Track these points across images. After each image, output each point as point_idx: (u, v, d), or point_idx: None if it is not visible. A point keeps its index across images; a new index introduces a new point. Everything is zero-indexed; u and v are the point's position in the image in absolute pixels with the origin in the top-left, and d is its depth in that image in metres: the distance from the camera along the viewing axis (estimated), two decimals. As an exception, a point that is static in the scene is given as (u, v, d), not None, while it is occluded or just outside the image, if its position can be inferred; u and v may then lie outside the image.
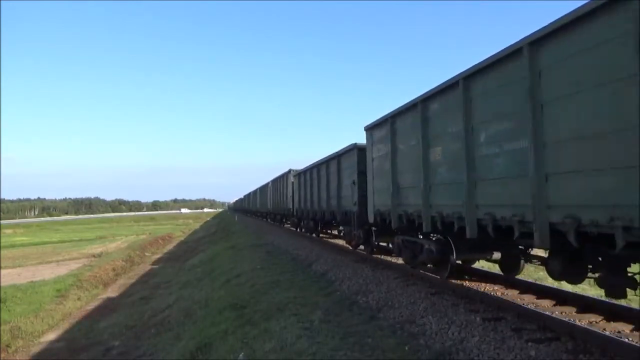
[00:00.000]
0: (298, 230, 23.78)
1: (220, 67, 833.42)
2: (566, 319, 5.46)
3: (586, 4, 4.13)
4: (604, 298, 6.48)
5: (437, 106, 7.11)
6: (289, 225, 28.00)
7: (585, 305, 6.16)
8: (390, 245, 10.93)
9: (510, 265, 7.78)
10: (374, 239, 11.53)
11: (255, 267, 13.15)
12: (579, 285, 7.13)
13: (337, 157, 13.79)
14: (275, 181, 29.79)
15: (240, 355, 6.30)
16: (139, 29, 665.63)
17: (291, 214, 23.41)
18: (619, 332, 5.14)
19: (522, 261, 7.55)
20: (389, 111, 8.96)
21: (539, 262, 6.59)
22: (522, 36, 4.98)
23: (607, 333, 4.98)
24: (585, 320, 5.57)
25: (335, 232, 19.12)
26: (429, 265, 8.63)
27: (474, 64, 5.93)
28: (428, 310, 6.54)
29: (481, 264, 9.49)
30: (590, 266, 5.22)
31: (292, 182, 22.63)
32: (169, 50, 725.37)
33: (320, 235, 19.84)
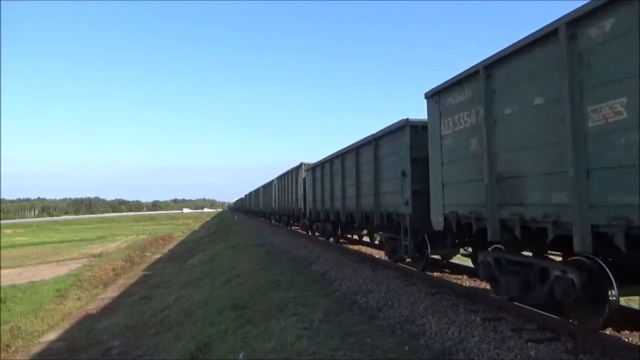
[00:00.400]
0: (310, 233, 20.53)
1: (221, 67, 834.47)
2: (566, 319, 5.45)
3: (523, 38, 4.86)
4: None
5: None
6: (297, 228, 24.61)
7: None
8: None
9: None
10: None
11: (255, 267, 13.15)
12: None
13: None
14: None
15: (240, 355, 6.30)
16: (138, 29, 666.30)
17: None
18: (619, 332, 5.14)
19: None
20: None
21: None
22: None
23: (607, 333, 4.98)
24: (585, 320, 5.55)
25: (360, 237, 16.50)
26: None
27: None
28: (428, 310, 6.54)
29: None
30: None
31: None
32: (169, 50, 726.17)
33: (341, 240, 16.40)
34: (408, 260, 9.79)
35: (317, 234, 19.14)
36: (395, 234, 9.55)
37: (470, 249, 8.48)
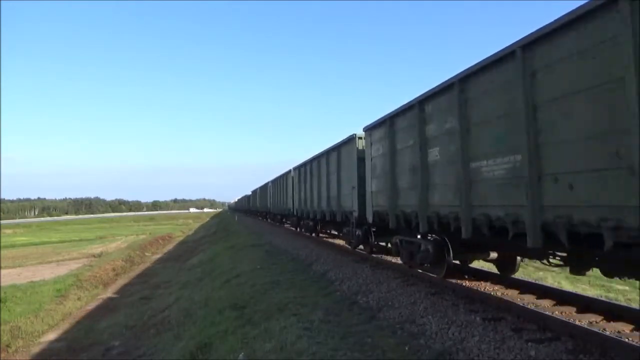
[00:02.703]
0: (298, 229, 23.87)
1: (221, 67, 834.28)
2: (566, 319, 5.46)
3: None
4: (604, 298, 6.50)
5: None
6: (288, 225, 28.48)
7: (585, 305, 6.16)
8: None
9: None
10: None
11: (255, 267, 13.15)
12: (579, 285, 7.15)
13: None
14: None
15: (240, 355, 6.30)
16: (138, 29, 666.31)
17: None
18: (619, 332, 5.14)
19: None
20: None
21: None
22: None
23: (607, 333, 4.98)
24: (585, 320, 5.57)
25: (338, 232, 17.46)
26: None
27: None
28: (428, 310, 6.54)
29: (480, 264, 9.49)
30: None
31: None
32: (169, 50, 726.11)
33: (320, 235, 19.83)
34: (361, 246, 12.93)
35: (303, 230, 21.92)
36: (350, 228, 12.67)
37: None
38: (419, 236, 8.49)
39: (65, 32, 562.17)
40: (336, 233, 17.94)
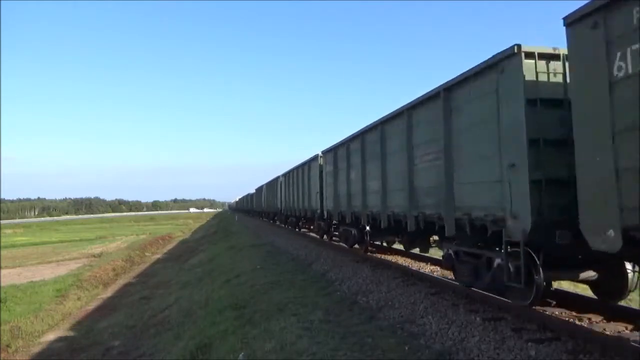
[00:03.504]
0: (285, 226, 27.09)
1: (221, 67, 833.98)
2: (566, 319, 5.46)
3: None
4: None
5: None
6: (278, 223, 31.26)
7: (585, 305, 6.16)
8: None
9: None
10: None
11: (255, 267, 13.16)
12: (579, 285, 7.13)
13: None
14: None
15: (240, 355, 6.30)
16: (138, 29, 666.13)
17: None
18: (619, 332, 5.14)
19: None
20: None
21: None
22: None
23: (607, 333, 4.98)
24: (585, 320, 5.57)
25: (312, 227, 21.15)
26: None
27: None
28: (428, 310, 6.54)
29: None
30: None
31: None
32: (169, 50, 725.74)
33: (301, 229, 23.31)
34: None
35: (289, 226, 20.30)
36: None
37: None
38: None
39: (65, 31, 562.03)
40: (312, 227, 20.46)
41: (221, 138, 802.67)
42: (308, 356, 5.34)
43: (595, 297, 6.12)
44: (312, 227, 20.21)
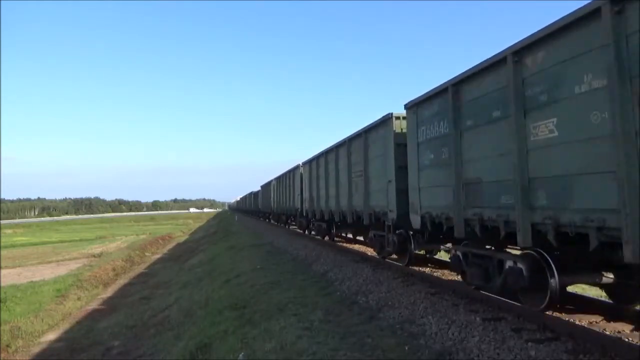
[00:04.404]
0: (306, 232, 21.46)
1: (221, 67, 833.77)
2: (566, 319, 5.46)
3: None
4: (604, 298, 6.49)
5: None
6: (294, 227, 25.46)
7: (585, 305, 6.16)
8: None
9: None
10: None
11: (255, 267, 13.15)
12: (578, 285, 7.11)
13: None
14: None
15: (240, 355, 6.30)
16: (138, 29, 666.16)
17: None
18: (619, 332, 5.14)
19: None
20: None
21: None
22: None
23: (607, 333, 4.98)
24: (585, 320, 5.57)
25: (351, 236, 16.50)
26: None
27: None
28: (428, 310, 6.54)
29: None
30: None
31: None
32: (168, 50, 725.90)
33: (335, 239, 16.95)
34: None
35: (313, 232, 19.55)
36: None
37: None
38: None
39: (65, 32, 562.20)
40: (362, 238, 15.48)
41: (221, 138, 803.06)
42: (308, 356, 5.34)
43: (611, 301, 6.09)
44: (361, 236, 15.37)
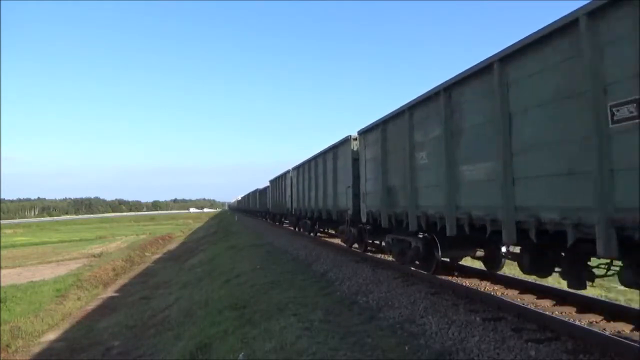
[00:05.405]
0: (295, 229, 23.98)
1: (221, 67, 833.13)
2: (566, 319, 5.46)
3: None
4: (604, 298, 6.50)
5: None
6: (287, 224, 29.09)
7: (585, 305, 6.16)
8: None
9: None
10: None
11: (255, 267, 13.15)
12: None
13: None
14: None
15: (240, 355, 6.30)
16: (138, 29, 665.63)
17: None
18: (619, 332, 5.14)
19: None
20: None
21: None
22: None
23: (607, 333, 4.98)
24: (585, 320, 5.57)
25: (332, 231, 18.69)
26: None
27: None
28: (428, 310, 6.54)
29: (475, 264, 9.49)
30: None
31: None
32: (168, 50, 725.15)
33: (318, 234, 19.89)
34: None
35: (301, 229, 22.09)
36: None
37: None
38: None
39: (65, 32, 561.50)
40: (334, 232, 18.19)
41: (221, 138, 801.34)
42: (308, 356, 5.34)
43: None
44: (335, 231, 16.42)
